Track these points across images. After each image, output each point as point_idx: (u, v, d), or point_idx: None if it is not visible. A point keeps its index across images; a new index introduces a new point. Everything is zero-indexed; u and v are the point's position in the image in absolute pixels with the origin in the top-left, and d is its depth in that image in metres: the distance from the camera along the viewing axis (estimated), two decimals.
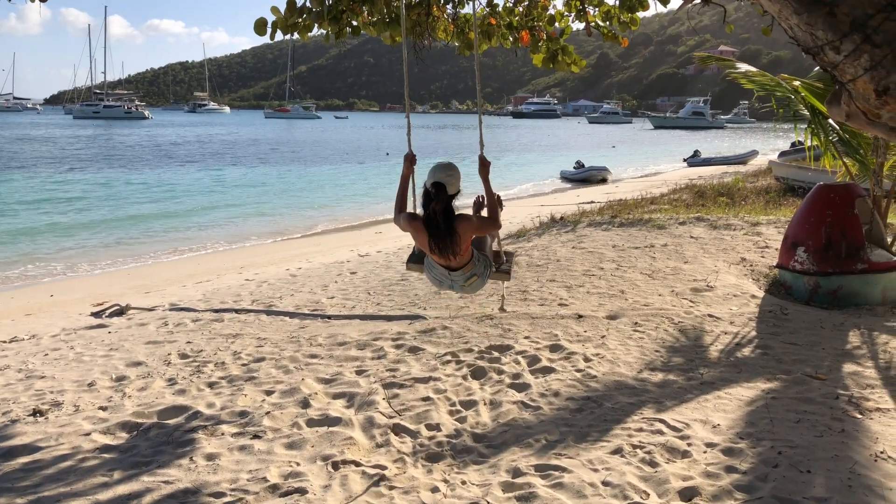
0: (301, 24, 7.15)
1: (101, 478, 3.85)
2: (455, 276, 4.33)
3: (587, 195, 22.54)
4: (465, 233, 4.12)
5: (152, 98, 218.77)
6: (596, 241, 9.55)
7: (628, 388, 4.83)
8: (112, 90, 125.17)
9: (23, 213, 21.69)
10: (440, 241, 4.08)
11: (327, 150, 55.77)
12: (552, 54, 7.95)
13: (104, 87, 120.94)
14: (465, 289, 4.44)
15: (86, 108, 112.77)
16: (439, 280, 4.44)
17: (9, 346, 7.47)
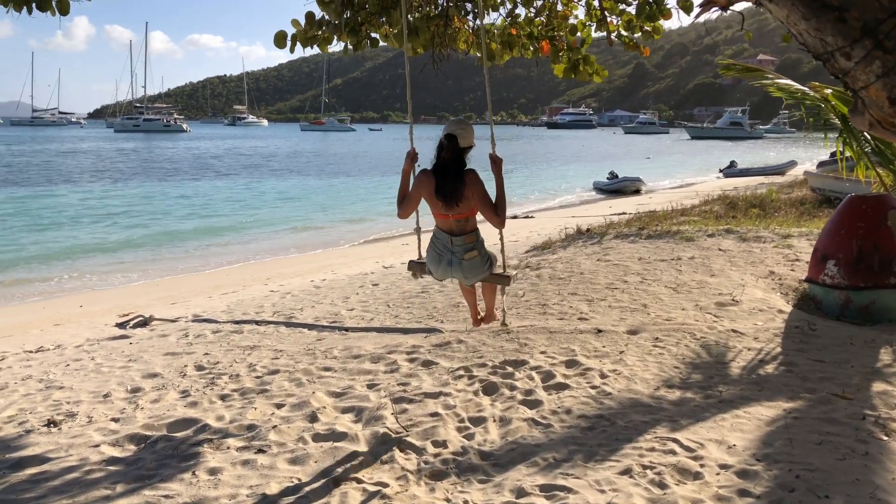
0: (320, 36, 7.17)
1: (105, 490, 3.84)
2: (457, 242, 4.39)
3: (619, 206, 22.30)
4: (473, 185, 4.24)
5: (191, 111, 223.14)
6: (622, 254, 9.39)
7: (643, 406, 4.69)
8: (152, 104, 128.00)
9: (63, 225, 22.18)
10: (447, 185, 4.22)
11: (361, 163, 56.21)
12: (573, 64, 7.85)
13: (144, 101, 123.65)
14: (464, 266, 4.44)
15: (126, 122, 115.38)
16: (439, 254, 4.47)
17: (34, 356, 7.58)
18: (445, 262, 4.47)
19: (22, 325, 9.93)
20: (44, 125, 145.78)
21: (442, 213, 4.37)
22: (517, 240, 14.97)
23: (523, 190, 34.87)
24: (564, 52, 7.80)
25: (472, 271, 4.50)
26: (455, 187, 4.23)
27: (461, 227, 4.39)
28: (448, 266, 4.48)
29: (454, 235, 4.39)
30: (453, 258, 4.43)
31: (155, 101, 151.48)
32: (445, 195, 4.25)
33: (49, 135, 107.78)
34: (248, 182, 38.19)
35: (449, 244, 4.42)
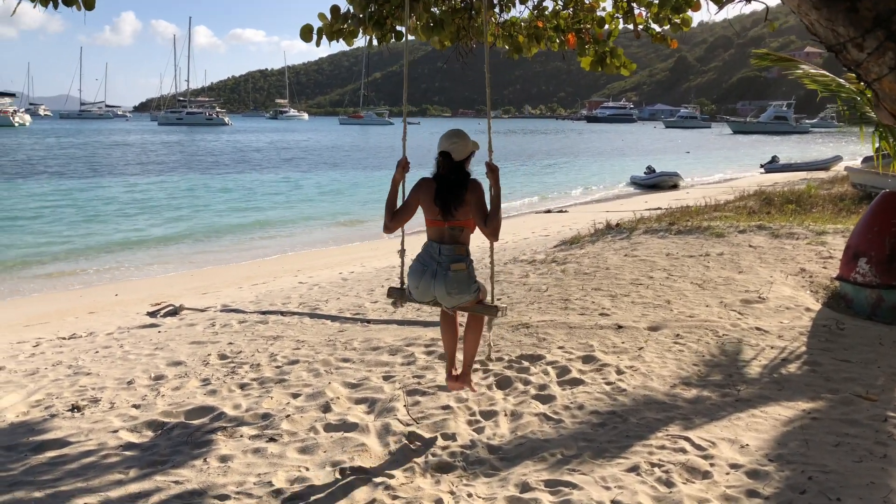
0: (346, 30, 7.20)
1: (118, 475, 3.93)
2: (445, 251, 4.04)
3: (655, 201, 22.03)
4: (473, 193, 4.04)
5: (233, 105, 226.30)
6: (650, 249, 9.27)
7: (657, 403, 4.63)
8: (195, 98, 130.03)
9: (107, 216, 22.69)
10: (448, 189, 4.04)
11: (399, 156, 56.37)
12: (600, 57, 7.76)
13: (187, 94, 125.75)
14: (449, 279, 4.00)
15: (170, 115, 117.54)
16: (423, 266, 4.08)
17: (66, 342, 7.78)
18: (429, 273, 4.05)
19: (59, 313, 10.20)
20: (91, 118, 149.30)
21: (437, 219, 4.10)
22: (548, 234, 14.90)
23: (559, 184, 34.65)
24: (591, 45, 7.72)
25: (456, 287, 4.02)
26: (456, 192, 4.03)
27: (453, 236, 4.10)
28: (431, 279, 4.04)
29: (444, 244, 4.08)
30: (438, 269, 4.03)
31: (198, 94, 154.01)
32: (445, 199, 4.04)
33: (96, 127, 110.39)
34: (288, 175, 38.56)
35: (436, 253, 4.08)
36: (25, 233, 19.07)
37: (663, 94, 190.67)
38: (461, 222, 4.09)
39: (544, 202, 26.88)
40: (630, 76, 10.47)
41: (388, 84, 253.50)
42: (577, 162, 51.37)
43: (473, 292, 4.12)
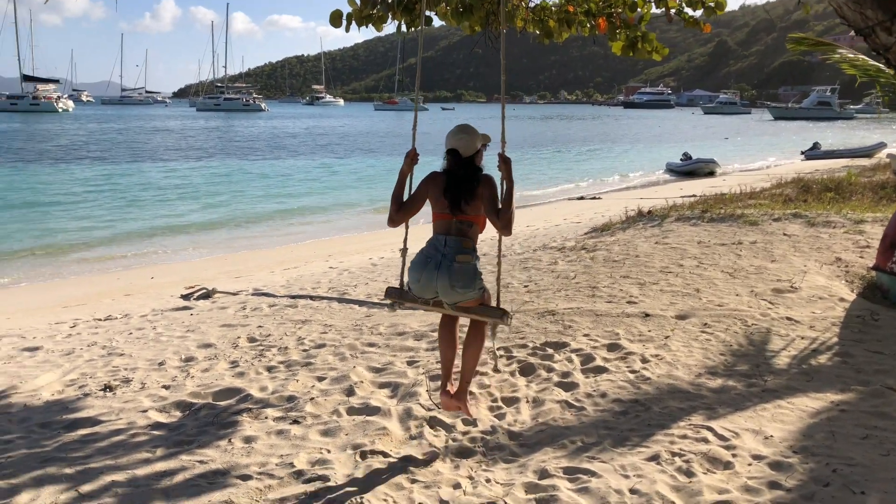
0: (375, 15, 7.20)
1: (145, 454, 4.02)
2: (451, 242, 3.86)
3: (690, 188, 21.71)
4: (486, 188, 3.89)
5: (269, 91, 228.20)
6: (681, 237, 9.15)
7: (681, 392, 4.59)
8: (232, 84, 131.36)
9: (146, 201, 23.12)
10: (458, 183, 3.90)
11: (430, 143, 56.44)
12: (631, 42, 7.65)
13: (225, 80, 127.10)
14: (454, 271, 3.78)
15: (207, 101, 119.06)
16: (426, 257, 3.88)
17: (102, 324, 7.97)
18: (433, 264, 3.83)
19: (97, 295, 10.45)
20: (132, 104, 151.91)
21: (444, 213, 3.94)
22: (579, 221, 14.79)
23: (593, 171, 34.34)
24: (622, 30, 7.61)
25: (461, 279, 3.80)
26: (466, 187, 3.89)
27: (461, 229, 3.92)
28: (435, 270, 3.81)
29: (450, 235, 3.90)
30: (443, 260, 3.82)
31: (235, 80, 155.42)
32: (454, 193, 3.89)
33: (136, 113, 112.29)
34: (324, 161, 38.82)
35: (442, 245, 3.88)
36: (68, 217, 19.55)
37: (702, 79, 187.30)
38: (470, 217, 3.94)
39: (578, 189, 26.68)
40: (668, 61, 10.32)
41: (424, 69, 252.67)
42: (613, 148, 50.84)
43: (478, 290, 3.92)
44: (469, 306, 3.96)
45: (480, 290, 3.95)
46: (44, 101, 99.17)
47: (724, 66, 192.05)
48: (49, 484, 3.64)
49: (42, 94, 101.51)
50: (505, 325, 4.13)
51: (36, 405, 5.00)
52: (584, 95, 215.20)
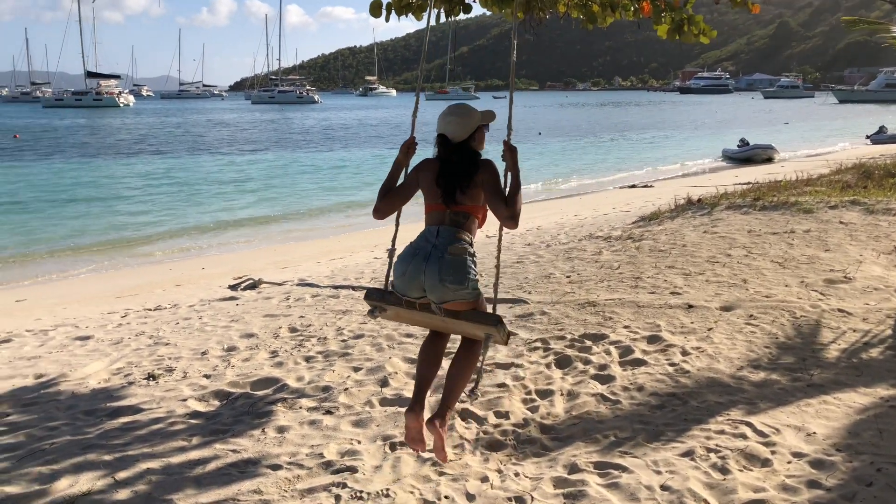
0: (414, 4, 7.18)
1: (181, 442, 4.10)
2: (443, 232, 3.44)
3: (746, 175, 21.14)
4: (485, 173, 3.50)
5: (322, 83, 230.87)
6: (731, 226, 8.90)
7: (721, 386, 4.45)
8: (286, 76, 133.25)
9: (203, 194, 23.65)
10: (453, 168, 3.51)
11: None
12: (677, 25, 7.44)
13: (279, 73, 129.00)
14: (445, 262, 3.34)
15: (262, 94, 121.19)
16: (415, 249, 3.46)
17: (152, 313, 8.17)
18: (421, 256, 3.39)
19: (149, 285, 10.73)
20: (189, 97, 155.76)
21: (437, 203, 3.55)
22: (629, 210, 14.54)
23: (646, 158, 33.74)
24: (667, 13, 7.41)
25: (452, 273, 3.33)
26: (462, 174, 3.50)
27: (455, 221, 3.50)
28: (423, 262, 3.36)
29: (444, 225, 3.49)
30: (433, 251, 3.38)
31: (289, 73, 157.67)
32: (449, 181, 3.51)
33: (193, 107, 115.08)
34: (375, 152, 39.07)
35: (434, 236, 3.46)
36: (128, 211, 20.13)
37: (762, 62, 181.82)
38: (467, 207, 3.53)
39: (630, 177, 26.24)
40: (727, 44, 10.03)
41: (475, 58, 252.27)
42: (667, 135, 49.85)
43: (472, 289, 3.41)
44: (458, 309, 3.43)
45: (474, 291, 3.44)
46: (106, 97, 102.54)
47: (785, 49, 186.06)
48: (88, 470, 3.74)
49: (104, 89, 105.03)
50: (499, 341, 3.47)
51: (83, 393, 5.16)
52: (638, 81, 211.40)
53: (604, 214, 14.22)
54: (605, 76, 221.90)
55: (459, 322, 3.47)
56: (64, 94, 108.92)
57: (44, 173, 28.82)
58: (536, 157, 35.27)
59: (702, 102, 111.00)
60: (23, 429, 4.45)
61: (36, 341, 7.08)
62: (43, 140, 46.64)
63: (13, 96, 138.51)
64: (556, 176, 27.27)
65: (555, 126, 59.37)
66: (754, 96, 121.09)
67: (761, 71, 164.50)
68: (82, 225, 17.71)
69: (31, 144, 43.13)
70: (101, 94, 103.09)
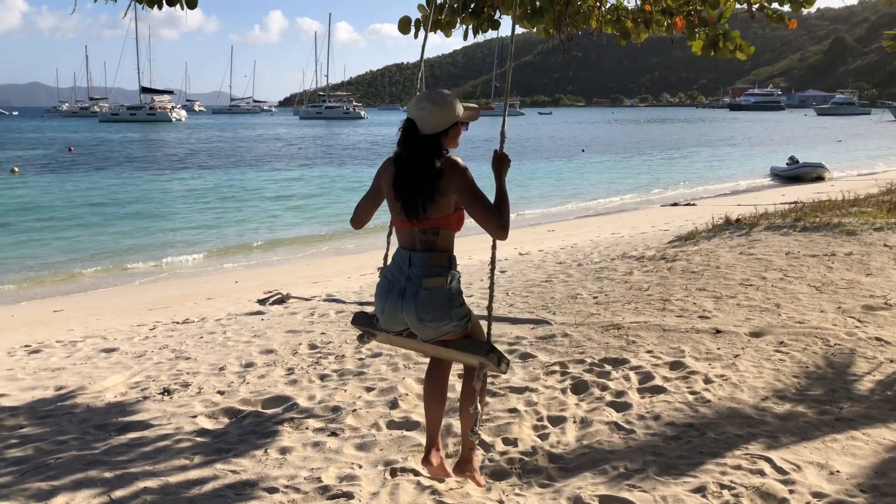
0: (443, 20, 7.15)
1: (184, 460, 4.06)
2: (416, 261, 3.05)
3: (793, 194, 20.53)
4: (453, 178, 3.00)
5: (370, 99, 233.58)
6: (768, 247, 8.60)
7: (743, 417, 4.24)
8: (333, 92, 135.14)
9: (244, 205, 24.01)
10: (410, 177, 3.01)
11: (521, 147, 55.92)
12: (712, 41, 7.26)
13: (327, 89, 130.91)
14: (421, 299, 3.01)
15: (310, 110, 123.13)
16: (390, 282, 3.15)
17: (179, 327, 8.24)
18: (396, 291, 3.08)
19: (182, 298, 10.86)
20: (240, 113, 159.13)
21: (402, 219, 3.10)
22: (668, 229, 14.23)
23: (692, 176, 33.16)
24: (700, 28, 7.23)
25: (430, 310, 3.01)
26: (424, 182, 2.98)
27: (426, 242, 3.07)
28: (399, 298, 3.06)
29: (415, 251, 3.09)
30: (407, 286, 3.04)
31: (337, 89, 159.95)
32: (408, 191, 3.01)
33: (243, 122, 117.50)
34: None
35: (406, 264, 3.08)
36: (168, 224, 20.51)
37: (816, 79, 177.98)
38: (435, 222, 3.05)
39: (673, 194, 25.77)
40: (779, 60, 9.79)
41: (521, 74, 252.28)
42: (715, 152, 49.02)
43: (458, 320, 3.09)
44: (450, 339, 3.15)
45: (461, 321, 3.12)
46: (159, 112, 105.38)
47: (840, 65, 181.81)
48: (86, 488, 3.72)
49: (158, 104, 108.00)
50: (494, 369, 3.17)
51: (98, 406, 5.18)
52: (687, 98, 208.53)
53: (641, 233, 13.94)
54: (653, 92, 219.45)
55: (450, 350, 3.20)
56: (119, 109, 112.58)
57: (93, 186, 29.61)
58: (577, 173, 34.98)
59: (752, 119, 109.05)
60: (33, 442, 4.48)
61: (64, 352, 7.19)
62: (96, 153, 48.09)
63: (73, 111, 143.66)
64: (597, 193, 26.95)
65: (599, 142, 58.90)
66: (807, 113, 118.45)
67: (815, 87, 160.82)
68: (124, 237, 18.08)
69: (84, 158, 44.47)
70: (155, 109, 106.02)
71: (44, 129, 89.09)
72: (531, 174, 34.71)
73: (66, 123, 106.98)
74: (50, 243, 17.05)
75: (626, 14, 7.66)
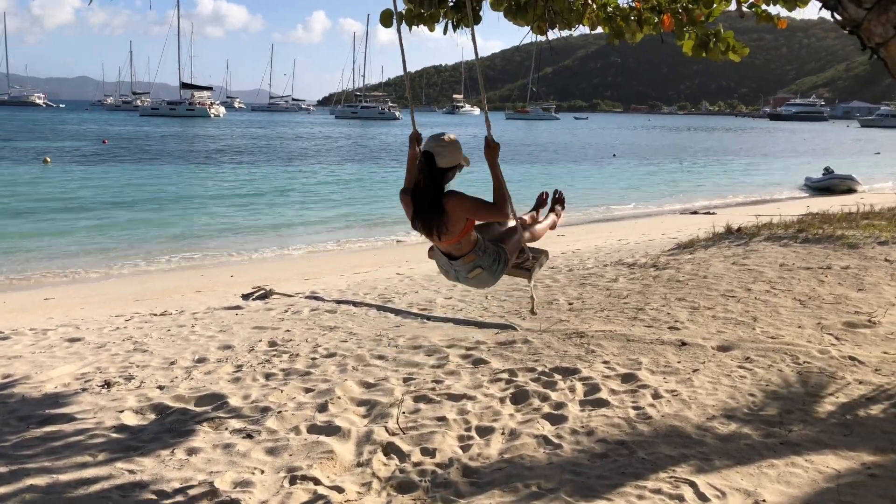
0: (426, 14, 6.95)
1: (86, 457, 3.92)
2: (457, 265, 3.92)
3: (819, 205, 19.89)
4: (456, 211, 3.66)
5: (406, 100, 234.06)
6: (764, 258, 8.22)
7: (681, 436, 3.96)
8: (370, 93, 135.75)
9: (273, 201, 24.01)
10: (423, 215, 3.71)
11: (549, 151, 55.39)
12: (702, 41, 6.95)
13: (363, 89, 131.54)
14: (471, 282, 4.00)
15: (346, 109, 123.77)
16: (445, 269, 4.06)
17: (154, 318, 8.14)
18: (452, 275, 4.07)
19: (172, 290, 10.80)
20: (278, 111, 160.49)
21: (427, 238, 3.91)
22: (677, 236, 13.81)
23: (721, 184, 32.47)
24: (690, 28, 6.93)
25: (479, 284, 4.06)
26: (433, 219, 3.69)
27: (455, 250, 3.89)
28: (455, 279, 4.09)
29: (451, 258, 3.94)
30: (458, 275, 4.00)
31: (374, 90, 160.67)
32: (425, 228, 3.77)
33: (280, 119, 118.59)
34: None
35: (449, 265, 3.99)
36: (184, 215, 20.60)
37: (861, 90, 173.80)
38: (454, 239, 3.78)
39: (697, 202, 25.19)
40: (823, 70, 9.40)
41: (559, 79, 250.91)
42: (749, 161, 48.02)
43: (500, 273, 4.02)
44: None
45: (503, 271, 4.03)
46: (198, 107, 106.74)
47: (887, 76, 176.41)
48: None
49: (197, 100, 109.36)
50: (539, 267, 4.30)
51: (32, 397, 5.07)
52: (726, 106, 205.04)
53: (649, 240, 13.55)
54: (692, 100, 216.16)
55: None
56: (160, 104, 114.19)
57: (119, 177, 29.95)
58: (604, 178, 34.51)
59: (792, 129, 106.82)
60: None
61: (30, 340, 7.13)
62: (129, 146, 48.75)
63: (116, 105, 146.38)
64: (620, 198, 26.47)
65: (632, 148, 58.07)
66: (850, 125, 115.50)
67: (860, 99, 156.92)
68: (135, 228, 18.17)
69: (116, 150, 45.14)
70: (194, 105, 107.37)
71: (86, 121, 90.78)
72: (553, 176, 34.30)
73: (107, 116, 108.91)
74: (64, 233, 17.19)
75: (617, 12, 7.39)
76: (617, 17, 7.38)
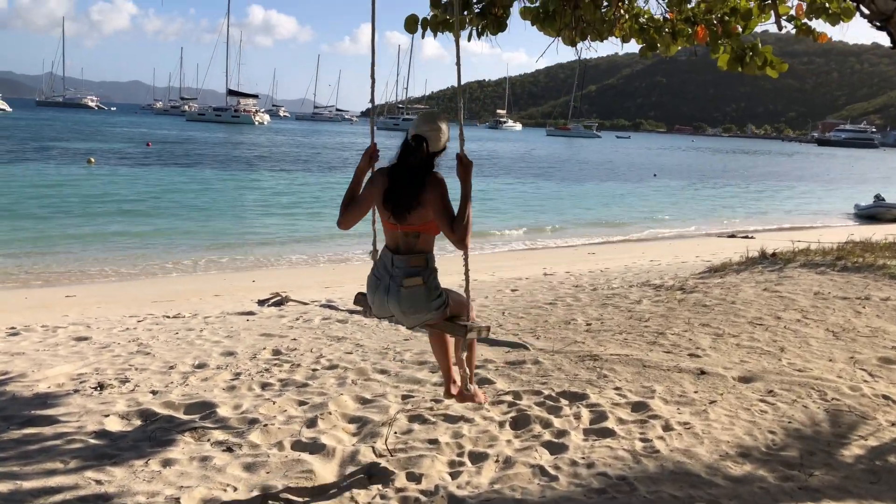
0: (451, 20, 6.77)
1: (57, 463, 3.74)
2: (398, 263, 3.51)
3: (863, 233, 19.19)
4: (433, 191, 3.44)
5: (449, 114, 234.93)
6: (798, 286, 7.81)
7: (689, 476, 3.63)
8: (413, 105, 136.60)
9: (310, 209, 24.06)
10: (402, 188, 3.47)
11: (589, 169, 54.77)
12: (738, 54, 6.64)
13: (405, 102, 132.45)
14: (402, 297, 3.50)
15: (387, 121, 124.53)
16: (378, 278, 3.62)
17: (165, 321, 8.04)
18: (382, 288, 3.58)
19: (190, 292, 10.73)
20: (322, 121, 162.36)
21: (390, 222, 3.57)
22: (711, 259, 13.36)
23: (764, 209, 31.70)
24: (725, 41, 6.62)
25: (410, 305, 3.52)
26: (410, 191, 3.44)
27: (408, 243, 3.55)
28: (384, 294, 3.56)
29: (397, 254, 3.55)
30: (391, 283, 3.53)
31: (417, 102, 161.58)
32: (397, 199, 3.47)
33: (323, 129, 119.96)
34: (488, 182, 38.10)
35: (390, 264, 3.56)
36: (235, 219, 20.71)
37: None
38: (417, 227, 3.52)
39: (736, 225, 24.55)
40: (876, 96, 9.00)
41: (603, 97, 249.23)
42: (795, 186, 46.98)
43: (436, 309, 3.59)
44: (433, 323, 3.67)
45: (439, 309, 3.61)
46: (243, 114, 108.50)
47: None
48: None
49: (243, 107, 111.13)
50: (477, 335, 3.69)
51: (23, 396, 4.94)
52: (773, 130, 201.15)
53: (682, 262, 13.13)
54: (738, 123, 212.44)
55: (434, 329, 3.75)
56: (206, 110, 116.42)
57: (160, 180, 30.37)
58: (641, 197, 33.94)
59: (841, 155, 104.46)
60: None
61: (38, 337, 7.06)
62: (172, 150, 49.57)
63: (164, 109, 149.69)
64: (656, 219, 25.95)
65: (674, 169, 57.14)
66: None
67: None
68: (168, 229, 18.30)
69: (159, 153, 45.92)
70: (239, 112, 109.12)
71: (134, 124, 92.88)
72: (589, 195, 33.81)
73: (156, 120, 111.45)
74: (98, 233, 17.35)
75: (650, 23, 7.12)
76: (650, 28, 7.13)
